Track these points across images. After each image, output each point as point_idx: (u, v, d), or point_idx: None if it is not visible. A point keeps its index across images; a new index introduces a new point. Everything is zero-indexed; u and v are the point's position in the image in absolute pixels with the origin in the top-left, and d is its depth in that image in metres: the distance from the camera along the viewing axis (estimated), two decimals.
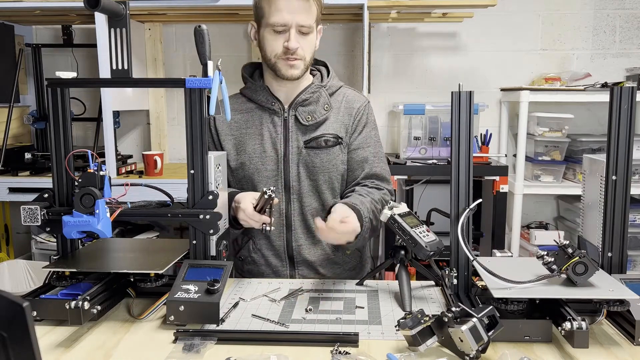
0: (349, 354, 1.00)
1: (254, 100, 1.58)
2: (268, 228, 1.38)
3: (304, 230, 1.57)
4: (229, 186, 1.63)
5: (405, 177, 2.68)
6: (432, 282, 1.40)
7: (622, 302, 1.05)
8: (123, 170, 2.65)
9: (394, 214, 1.27)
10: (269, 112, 1.56)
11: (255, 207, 1.37)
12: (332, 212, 1.34)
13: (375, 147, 1.61)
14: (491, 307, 0.99)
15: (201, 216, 1.21)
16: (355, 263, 1.64)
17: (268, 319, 1.17)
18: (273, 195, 1.32)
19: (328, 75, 1.62)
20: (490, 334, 0.96)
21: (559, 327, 1.01)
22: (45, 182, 2.50)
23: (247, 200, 1.39)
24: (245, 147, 1.56)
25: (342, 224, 1.30)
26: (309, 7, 1.46)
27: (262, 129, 1.56)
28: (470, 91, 1.17)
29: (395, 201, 1.47)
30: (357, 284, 1.41)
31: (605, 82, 2.69)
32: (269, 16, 1.46)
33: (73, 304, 1.06)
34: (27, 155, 2.68)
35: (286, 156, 1.54)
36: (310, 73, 1.62)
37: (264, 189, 1.32)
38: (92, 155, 1.20)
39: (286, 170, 1.55)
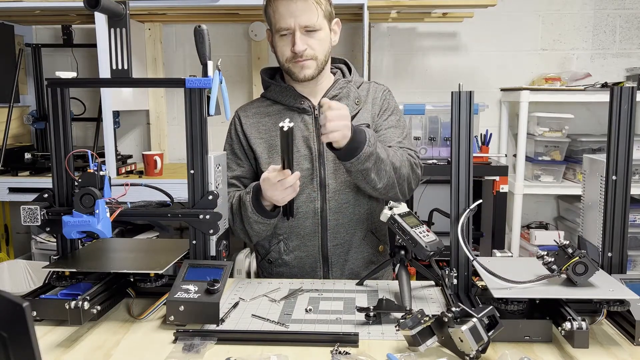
0: (349, 354, 1.00)
1: (281, 102, 1.57)
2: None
3: (340, 229, 1.54)
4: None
5: None
6: (432, 282, 1.40)
7: (622, 302, 1.05)
8: (123, 170, 2.65)
9: (394, 214, 1.27)
10: (298, 111, 1.55)
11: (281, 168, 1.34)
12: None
13: (396, 129, 1.58)
14: (491, 307, 0.99)
15: (201, 216, 1.21)
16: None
17: (268, 319, 1.17)
18: (292, 125, 1.26)
19: (350, 73, 1.63)
20: (490, 334, 0.96)
21: (559, 327, 1.01)
22: (45, 182, 2.50)
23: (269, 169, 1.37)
24: (278, 148, 1.52)
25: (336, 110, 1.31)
26: (308, 6, 1.46)
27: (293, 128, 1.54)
28: (470, 91, 1.17)
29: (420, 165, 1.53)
30: (357, 284, 1.41)
31: (605, 82, 2.69)
32: (275, 22, 1.48)
33: (73, 304, 1.06)
34: (27, 155, 2.69)
35: (321, 154, 1.52)
36: (330, 72, 1.61)
37: (280, 124, 1.25)
38: (92, 155, 1.20)
39: (321, 168, 1.53)
